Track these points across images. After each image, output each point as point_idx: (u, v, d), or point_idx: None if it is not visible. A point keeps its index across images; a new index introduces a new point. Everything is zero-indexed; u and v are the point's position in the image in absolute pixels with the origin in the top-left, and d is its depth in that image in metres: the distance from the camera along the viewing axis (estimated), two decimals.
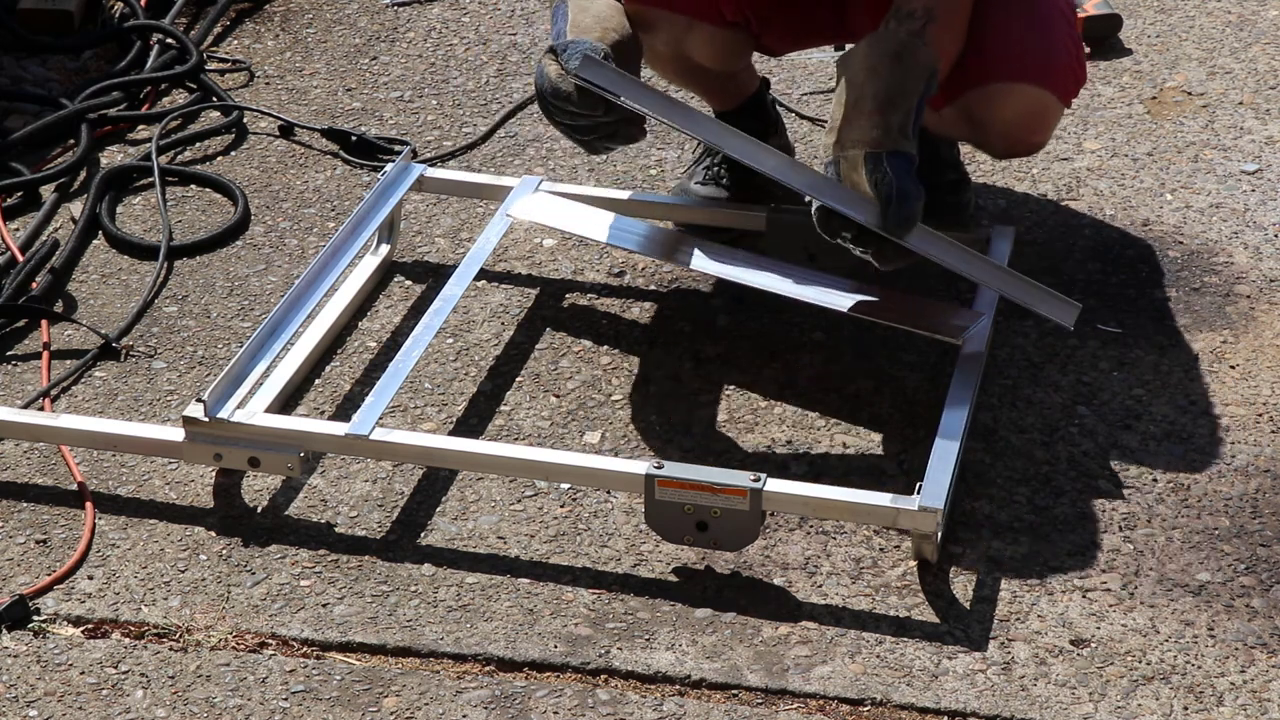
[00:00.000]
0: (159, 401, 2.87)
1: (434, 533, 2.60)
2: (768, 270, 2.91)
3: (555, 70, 2.71)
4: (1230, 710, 2.31)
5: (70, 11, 3.83)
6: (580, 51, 2.68)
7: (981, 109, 2.89)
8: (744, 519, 2.47)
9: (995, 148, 3.00)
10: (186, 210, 3.35)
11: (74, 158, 3.44)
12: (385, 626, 2.44)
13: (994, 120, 2.89)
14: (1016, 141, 2.96)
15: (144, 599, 2.50)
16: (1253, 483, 2.66)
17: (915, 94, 2.64)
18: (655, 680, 2.36)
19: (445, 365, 2.93)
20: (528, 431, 2.79)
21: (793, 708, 2.33)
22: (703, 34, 2.99)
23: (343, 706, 2.33)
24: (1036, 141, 2.97)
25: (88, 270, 3.18)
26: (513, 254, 3.18)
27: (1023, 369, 2.89)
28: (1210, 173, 3.37)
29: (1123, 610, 2.45)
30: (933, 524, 2.45)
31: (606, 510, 2.63)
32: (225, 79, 3.76)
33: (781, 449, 2.74)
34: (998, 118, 2.89)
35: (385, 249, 3.15)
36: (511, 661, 2.39)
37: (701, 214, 3.15)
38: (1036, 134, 2.95)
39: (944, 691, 2.34)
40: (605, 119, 2.71)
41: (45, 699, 2.35)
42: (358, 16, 3.96)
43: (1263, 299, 3.04)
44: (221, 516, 2.64)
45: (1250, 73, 3.68)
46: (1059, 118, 2.96)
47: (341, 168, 3.46)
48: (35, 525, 2.62)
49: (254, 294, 3.11)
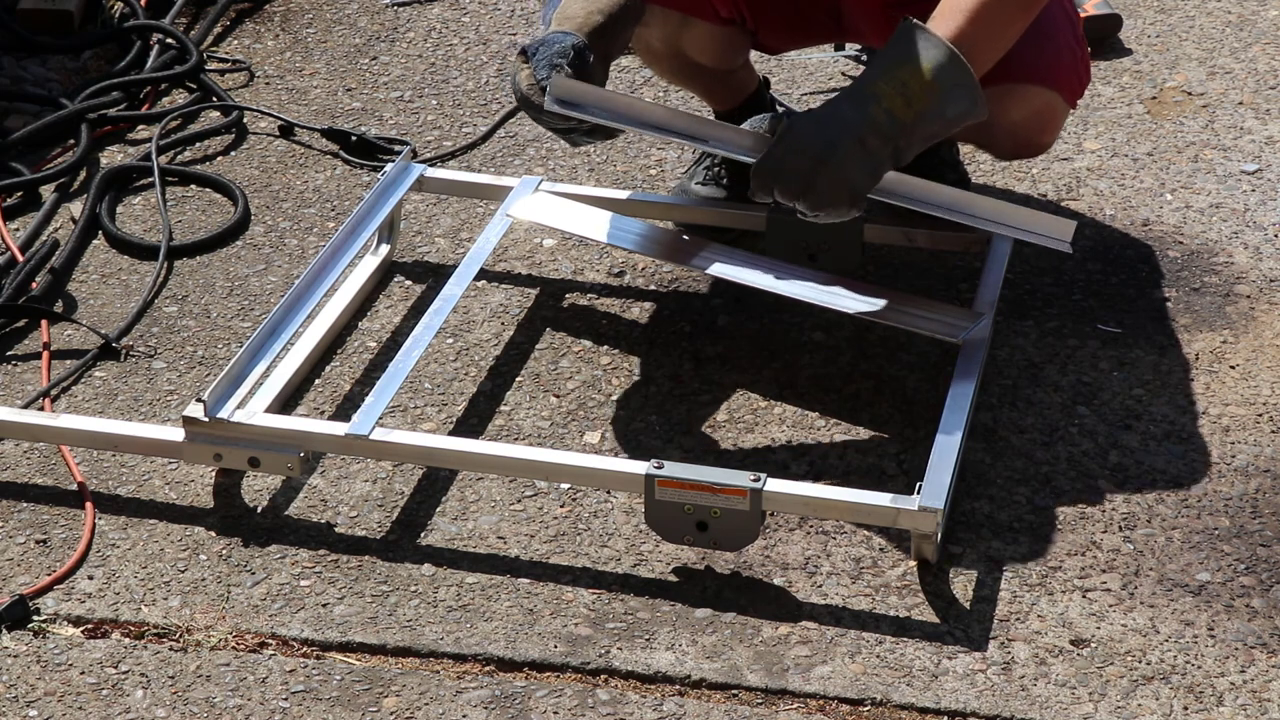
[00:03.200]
0: (159, 401, 2.87)
1: (434, 533, 2.60)
2: (768, 270, 2.90)
3: (526, 79, 2.67)
4: (1230, 710, 2.31)
5: (70, 11, 3.83)
6: (547, 61, 2.64)
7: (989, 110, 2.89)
8: (744, 519, 2.47)
9: (1002, 149, 3.00)
10: (186, 210, 3.35)
11: (74, 158, 3.44)
12: (385, 626, 2.44)
13: (1001, 121, 2.89)
14: (1024, 142, 2.96)
15: (144, 599, 2.50)
16: (1253, 483, 2.66)
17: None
18: (655, 680, 2.36)
19: (445, 365, 2.93)
20: (528, 431, 2.79)
21: (793, 708, 2.33)
22: (698, 31, 2.99)
23: (343, 706, 2.33)
24: (1044, 142, 2.97)
25: (88, 270, 3.18)
26: (513, 254, 3.18)
27: (1023, 369, 2.89)
28: (1210, 173, 3.37)
29: (1123, 610, 2.45)
30: (933, 524, 2.45)
31: (606, 510, 2.63)
32: (225, 79, 3.76)
33: (781, 449, 2.74)
34: (1005, 119, 2.88)
35: (385, 249, 3.15)
36: (511, 661, 2.39)
37: (701, 214, 3.15)
38: (1044, 134, 2.95)
39: (944, 691, 2.34)
40: (579, 126, 2.70)
41: (45, 699, 2.35)
42: (358, 16, 3.96)
43: (1263, 299, 3.04)
44: (221, 516, 2.64)
45: (1250, 73, 3.68)
46: (1065, 118, 2.96)
47: (341, 168, 3.46)
48: (35, 525, 2.62)
49: (254, 294, 3.12)
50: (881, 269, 3.12)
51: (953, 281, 3.09)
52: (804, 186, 2.60)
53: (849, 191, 2.60)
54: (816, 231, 2.97)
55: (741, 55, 3.12)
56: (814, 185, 2.59)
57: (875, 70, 2.61)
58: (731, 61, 3.11)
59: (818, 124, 2.60)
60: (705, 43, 3.01)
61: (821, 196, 2.60)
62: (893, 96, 2.58)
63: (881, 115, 2.57)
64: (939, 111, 2.60)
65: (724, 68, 3.11)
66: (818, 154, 2.59)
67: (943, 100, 2.59)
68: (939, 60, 2.58)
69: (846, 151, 2.58)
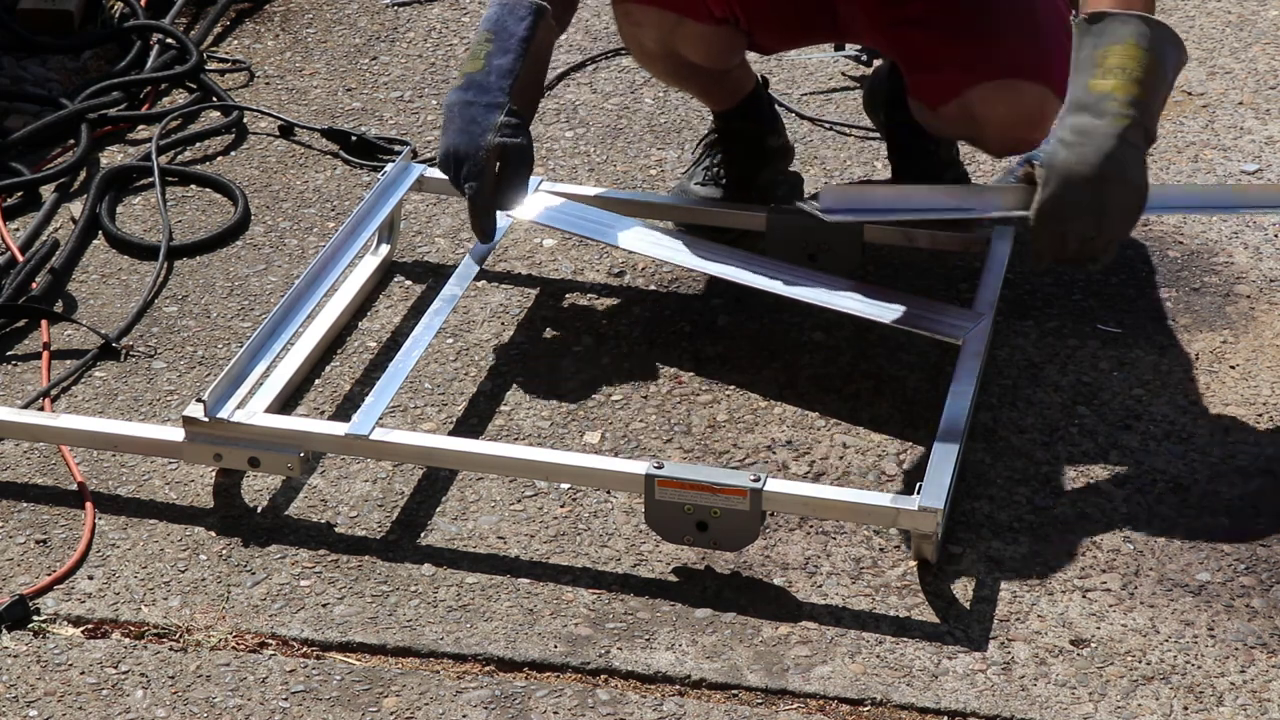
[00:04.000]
0: (159, 401, 2.87)
1: (434, 533, 2.60)
2: (768, 270, 2.91)
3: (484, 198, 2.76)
4: (1230, 710, 2.31)
5: (70, 11, 3.83)
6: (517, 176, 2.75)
7: (981, 106, 2.89)
8: (744, 519, 2.47)
9: (992, 145, 2.99)
10: (186, 210, 3.35)
11: (74, 158, 3.44)
12: (385, 626, 2.44)
13: (992, 117, 2.89)
14: (1016, 140, 2.95)
15: (144, 599, 2.50)
16: (1253, 483, 2.66)
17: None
18: (655, 680, 2.36)
19: (445, 365, 2.93)
20: (528, 431, 2.79)
21: (793, 708, 2.33)
22: (692, 31, 2.99)
23: (343, 706, 2.33)
24: (1036, 138, 2.95)
25: (88, 270, 3.18)
26: (513, 254, 3.18)
27: (1023, 369, 2.89)
28: (1210, 173, 3.37)
29: (1123, 610, 2.45)
30: (933, 524, 2.45)
31: (606, 510, 2.63)
32: (225, 79, 3.76)
33: (781, 449, 2.74)
34: (996, 115, 2.88)
35: (385, 249, 3.15)
36: (511, 661, 2.39)
37: (701, 214, 3.15)
38: (1035, 130, 2.93)
39: (944, 691, 2.34)
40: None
41: (45, 699, 2.35)
42: (358, 16, 3.97)
43: (1263, 299, 3.04)
44: (221, 516, 2.64)
45: (1250, 73, 3.68)
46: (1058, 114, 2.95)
47: (341, 168, 3.46)
48: (35, 525, 2.62)
49: (254, 294, 3.12)
50: (881, 269, 3.12)
51: (953, 281, 3.09)
52: (1097, 209, 2.47)
53: (1138, 196, 2.50)
54: (816, 232, 2.97)
55: (737, 55, 3.12)
56: (1106, 205, 2.47)
57: (1084, 76, 2.52)
58: (726, 61, 3.11)
59: (1070, 147, 2.47)
60: (699, 43, 3.01)
61: (1116, 215, 2.48)
62: (1120, 85, 2.49)
63: (1120, 106, 2.47)
64: (1163, 74, 2.51)
65: (719, 68, 3.11)
66: (1092, 172, 2.46)
67: (1162, 62, 2.51)
68: (1139, 29, 2.50)
69: (1121, 155, 2.46)
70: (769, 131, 3.23)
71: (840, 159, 3.43)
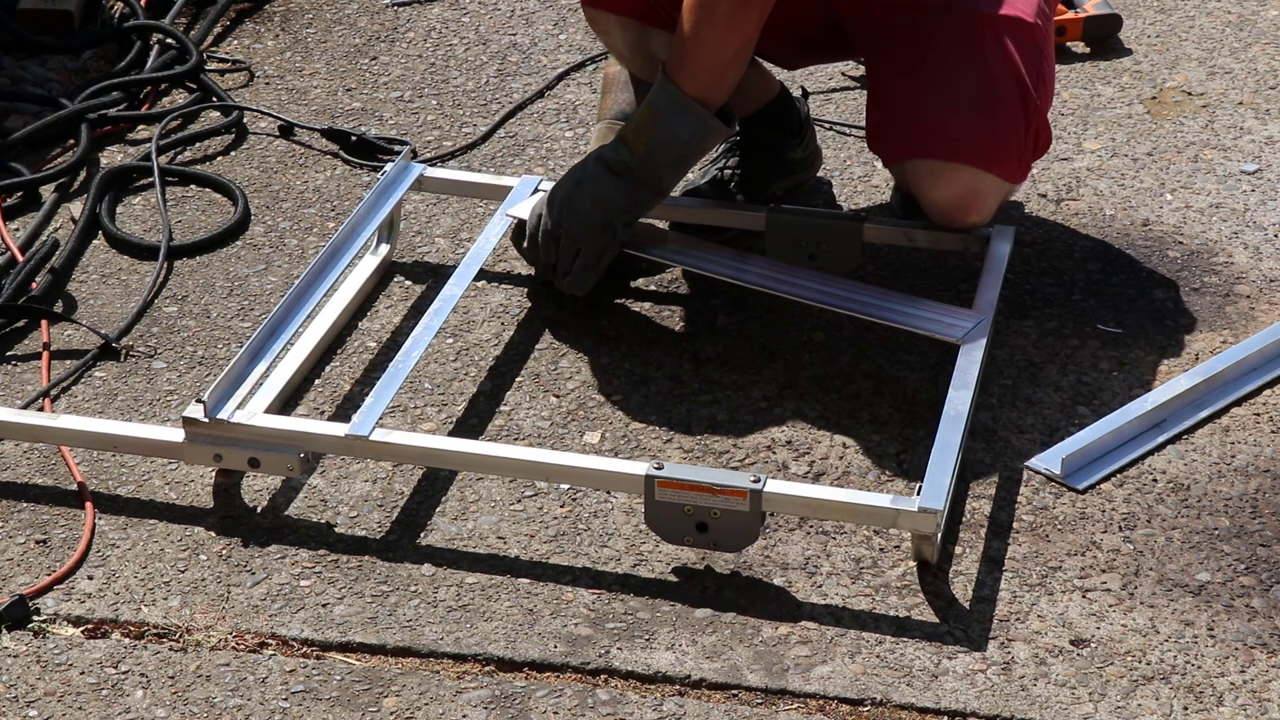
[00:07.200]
0: (159, 402, 2.87)
1: (434, 533, 2.60)
2: (768, 270, 2.90)
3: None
4: (1230, 710, 2.31)
5: (70, 11, 3.83)
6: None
7: (916, 183, 2.87)
8: (744, 520, 2.47)
9: (931, 217, 2.96)
10: (186, 210, 3.35)
11: (74, 158, 3.44)
12: (385, 626, 2.44)
13: (926, 198, 2.87)
14: (948, 220, 2.93)
15: (144, 599, 2.50)
16: (1253, 483, 2.67)
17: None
18: (655, 680, 2.36)
19: (445, 365, 2.93)
20: (528, 431, 2.79)
21: (793, 708, 2.33)
22: (662, 39, 2.94)
23: (343, 706, 2.33)
24: (972, 222, 2.92)
25: (88, 270, 3.18)
26: (513, 254, 3.18)
27: (1023, 369, 2.89)
28: (1210, 173, 3.37)
29: (1123, 610, 2.45)
30: (932, 524, 2.45)
31: (606, 510, 2.63)
32: (225, 79, 3.76)
33: (781, 449, 2.74)
34: (930, 197, 2.87)
35: (385, 249, 3.15)
36: (511, 661, 2.39)
37: (701, 214, 3.15)
38: (970, 215, 2.90)
39: (944, 691, 2.34)
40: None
41: (45, 699, 2.35)
42: (358, 16, 3.97)
43: (1263, 299, 3.04)
44: (221, 516, 2.64)
45: (1250, 73, 3.68)
46: (1002, 195, 2.91)
47: (341, 168, 3.46)
48: (35, 525, 2.62)
49: (254, 294, 3.12)
50: (881, 269, 3.12)
51: (953, 281, 3.09)
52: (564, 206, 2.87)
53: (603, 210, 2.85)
54: (816, 231, 2.97)
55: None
56: (572, 203, 2.86)
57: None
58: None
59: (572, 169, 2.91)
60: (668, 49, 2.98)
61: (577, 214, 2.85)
62: (628, 132, 2.85)
63: (614, 149, 2.85)
64: (670, 135, 2.81)
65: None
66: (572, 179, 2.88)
67: (668, 124, 2.80)
68: (654, 89, 2.82)
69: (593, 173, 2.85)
70: (790, 142, 3.20)
71: (840, 159, 3.43)
